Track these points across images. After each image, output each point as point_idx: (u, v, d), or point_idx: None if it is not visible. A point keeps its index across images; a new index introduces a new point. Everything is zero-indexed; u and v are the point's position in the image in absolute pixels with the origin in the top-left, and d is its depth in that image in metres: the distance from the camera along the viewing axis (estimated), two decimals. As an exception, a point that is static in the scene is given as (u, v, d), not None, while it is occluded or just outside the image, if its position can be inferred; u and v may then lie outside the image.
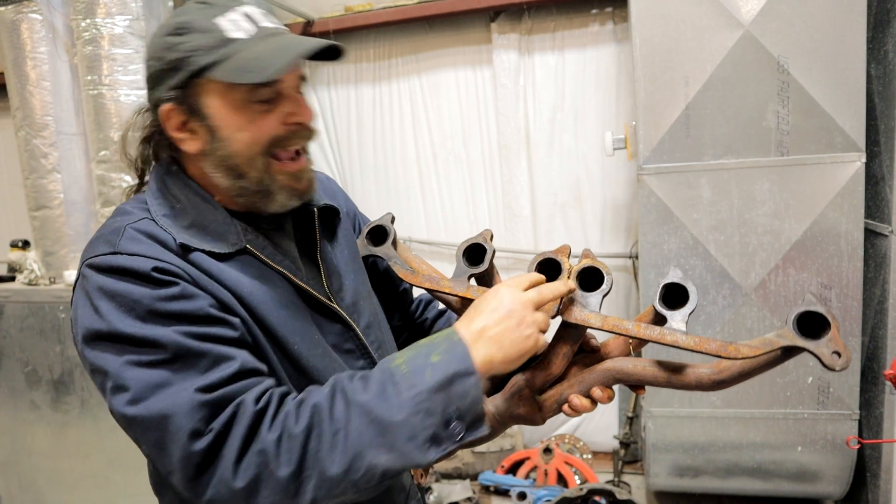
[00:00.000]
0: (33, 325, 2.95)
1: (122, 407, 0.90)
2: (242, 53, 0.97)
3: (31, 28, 2.89)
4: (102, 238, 1.01)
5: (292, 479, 0.86)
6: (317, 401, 0.91)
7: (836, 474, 2.90)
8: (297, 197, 1.09)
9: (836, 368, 0.93)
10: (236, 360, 0.93)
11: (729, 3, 2.64)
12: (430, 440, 0.88)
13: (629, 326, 1.04)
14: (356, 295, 1.20)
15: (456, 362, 0.91)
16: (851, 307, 2.75)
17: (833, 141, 2.65)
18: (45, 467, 3.07)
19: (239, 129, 1.01)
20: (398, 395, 0.89)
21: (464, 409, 0.90)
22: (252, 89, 0.99)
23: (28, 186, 3.03)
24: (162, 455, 0.89)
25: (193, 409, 0.87)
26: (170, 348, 0.90)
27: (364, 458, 0.87)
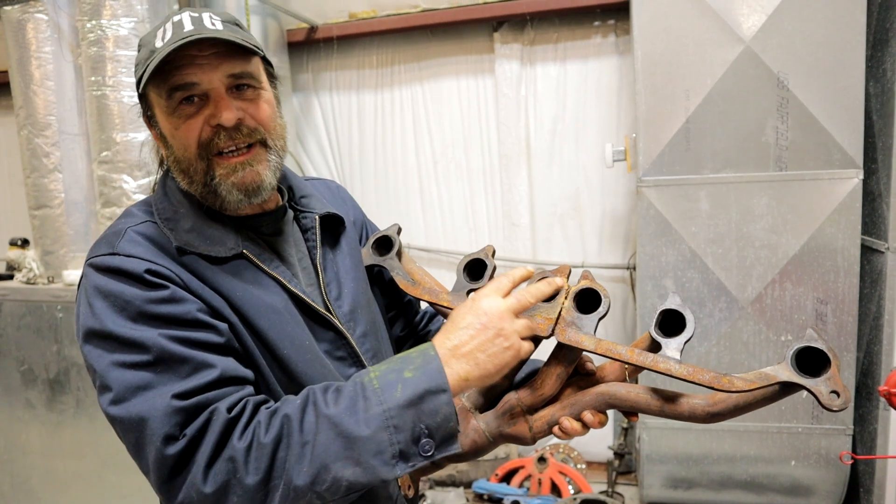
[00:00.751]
0: (30, 324, 2.95)
1: (107, 406, 0.93)
2: (154, 62, 1.00)
3: (36, 28, 2.90)
4: (105, 239, 1.04)
5: (260, 487, 0.88)
6: (288, 412, 0.92)
7: (830, 489, 2.91)
8: (244, 192, 1.07)
9: (834, 409, 0.91)
10: (216, 367, 0.95)
11: (730, 19, 2.67)
12: (398, 456, 0.88)
13: (622, 351, 1.03)
14: (354, 303, 1.20)
15: (427, 379, 0.91)
16: (847, 323, 2.76)
17: (831, 157, 2.67)
18: (38, 466, 3.06)
19: (172, 135, 1.05)
20: (367, 409, 0.89)
21: (434, 427, 0.90)
22: (168, 96, 1.02)
23: (29, 185, 3.03)
24: (139, 456, 0.92)
25: (169, 415, 0.89)
26: (153, 351, 0.92)
27: (329, 470, 0.87)
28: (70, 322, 2.88)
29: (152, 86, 1.02)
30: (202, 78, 1.01)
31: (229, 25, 1.07)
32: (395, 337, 1.41)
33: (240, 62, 1.04)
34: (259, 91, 1.08)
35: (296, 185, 1.26)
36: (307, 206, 1.23)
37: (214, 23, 1.05)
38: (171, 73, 1.00)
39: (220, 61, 1.02)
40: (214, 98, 1.03)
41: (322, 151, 4.19)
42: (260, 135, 1.07)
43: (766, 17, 2.64)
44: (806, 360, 0.95)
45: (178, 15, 1.05)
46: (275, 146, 1.10)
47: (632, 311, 3.71)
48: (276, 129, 1.11)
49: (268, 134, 1.08)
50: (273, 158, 1.10)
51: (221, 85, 1.03)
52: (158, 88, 1.02)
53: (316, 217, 1.21)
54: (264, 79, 1.10)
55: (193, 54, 1.00)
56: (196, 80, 1.01)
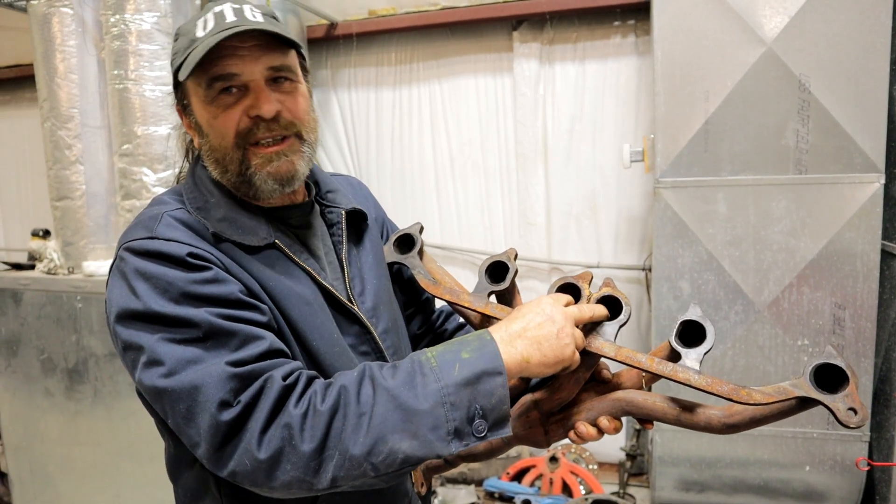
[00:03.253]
0: (51, 314, 2.99)
1: (155, 379, 0.93)
2: (196, 51, 1.01)
3: (61, 22, 2.94)
4: (141, 224, 1.05)
5: (315, 456, 0.88)
6: (344, 383, 0.93)
7: (844, 496, 2.88)
8: (278, 182, 1.08)
9: (851, 426, 0.91)
10: (265, 339, 0.96)
11: (752, 21, 2.65)
12: (453, 433, 0.89)
13: (642, 360, 1.03)
14: (377, 299, 1.21)
15: (485, 360, 0.92)
16: (865, 328, 2.73)
17: (852, 161, 2.65)
18: (56, 454, 3.11)
19: (209, 124, 1.06)
20: (425, 385, 0.90)
21: (488, 408, 0.90)
22: (208, 85, 1.03)
23: (51, 177, 3.07)
24: (190, 425, 0.91)
25: (223, 381, 0.90)
26: (202, 327, 0.93)
27: (387, 441, 0.88)
28: (90, 312, 2.92)
29: (192, 75, 1.03)
30: (243, 69, 1.03)
31: (268, 18, 1.09)
32: (413, 334, 1.42)
33: (279, 55, 1.06)
34: (296, 84, 1.10)
35: (322, 180, 1.27)
36: (333, 202, 1.24)
37: (255, 14, 1.07)
38: (213, 62, 1.01)
39: (261, 53, 1.04)
40: (254, 89, 1.04)
41: (340, 148, 4.21)
42: (296, 128, 1.09)
43: (789, 19, 2.62)
44: (824, 376, 0.95)
45: (220, 6, 1.06)
46: (308, 139, 1.12)
47: (647, 313, 3.69)
48: (310, 123, 1.13)
49: (302, 127, 1.10)
50: (306, 150, 1.12)
51: (261, 77, 1.05)
52: (198, 77, 1.03)
53: (342, 212, 1.22)
54: (300, 72, 1.12)
55: (235, 45, 1.02)
56: (237, 70, 1.03)
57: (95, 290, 2.91)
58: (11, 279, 3.06)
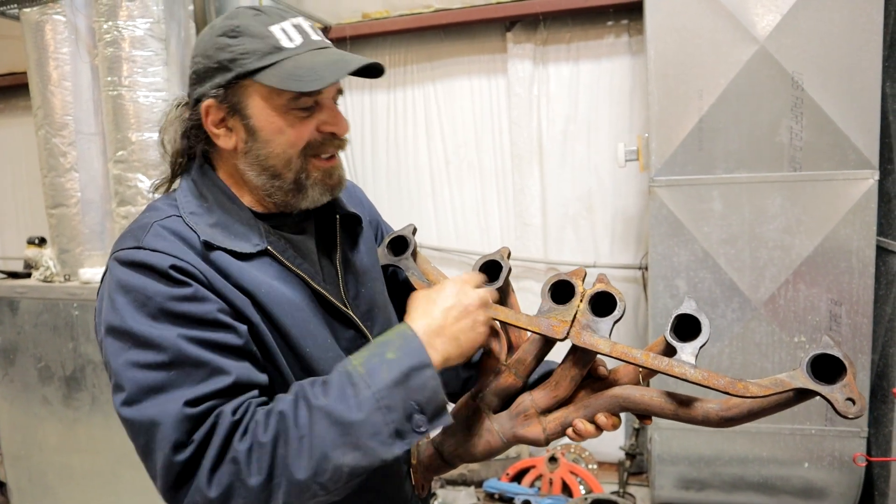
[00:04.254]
0: (47, 322, 2.99)
1: (119, 406, 0.95)
2: (291, 62, 1.02)
3: (54, 29, 2.93)
4: (131, 233, 1.05)
5: (263, 487, 0.89)
6: (282, 408, 0.93)
7: (843, 492, 2.89)
8: (329, 192, 1.13)
9: (850, 416, 0.91)
10: (231, 374, 0.95)
11: (745, 19, 2.65)
12: (394, 435, 0.90)
13: (637, 355, 1.03)
14: (371, 303, 1.22)
15: (410, 357, 0.94)
16: (861, 324, 2.74)
17: (846, 158, 2.65)
18: (54, 462, 3.10)
19: (279, 132, 1.06)
20: (357, 394, 0.91)
21: (423, 402, 0.92)
22: (295, 97, 1.04)
23: (46, 184, 3.06)
24: (147, 460, 0.93)
25: (179, 422, 0.90)
26: (170, 352, 0.93)
27: (329, 459, 0.89)
28: (86, 319, 2.92)
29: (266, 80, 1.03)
30: (328, 88, 1.05)
31: None
32: None
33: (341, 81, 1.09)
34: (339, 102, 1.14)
35: None
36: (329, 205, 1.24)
37: (320, 34, 1.11)
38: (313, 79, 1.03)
39: None
40: (328, 107, 1.08)
41: (335, 151, 4.20)
42: (346, 143, 1.14)
43: (781, 17, 2.62)
44: (821, 367, 0.95)
45: (294, 18, 1.08)
46: None
47: (644, 312, 3.70)
48: None
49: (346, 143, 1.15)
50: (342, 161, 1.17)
51: (332, 95, 1.09)
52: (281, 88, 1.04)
53: (336, 217, 1.22)
54: None
55: None
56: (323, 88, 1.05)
57: (92, 298, 2.90)
58: (8, 287, 3.05)
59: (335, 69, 1.02)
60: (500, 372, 1.16)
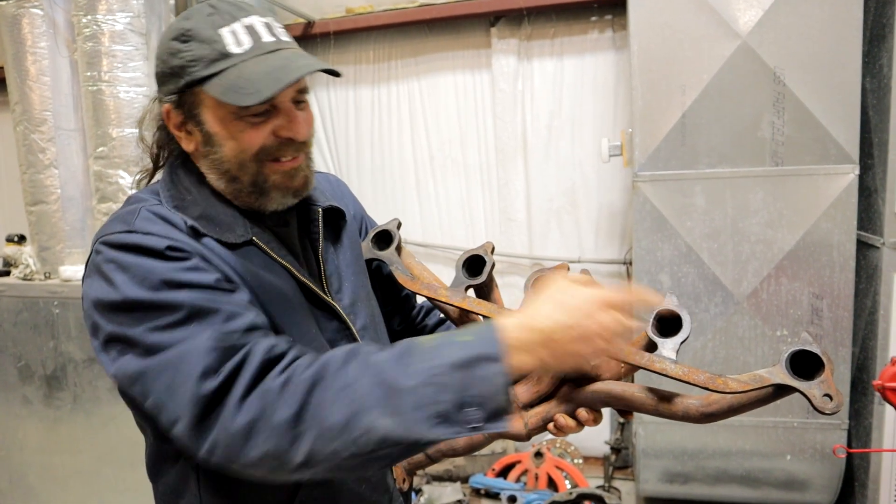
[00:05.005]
0: (27, 320, 2.95)
1: (136, 362, 0.92)
2: (235, 70, 0.99)
3: (32, 23, 2.89)
4: (118, 218, 1.04)
5: (291, 425, 0.85)
6: (329, 357, 0.91)
7: (825, 483, 2.92)
8: (292, 195, 1.11)
9: (826, 412, 0.91)
10: (249, 314, 0.96)
11: (727, 14, 2.67)
12: (440, 417, 0.82)
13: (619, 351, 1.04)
14: (354, 296, 1.22)
15: (484, 345, 0.85)
16: (842, 318, 2.77)
17: (827, 153, 2.68)
18: (36, 462, 3.07)
19: (230, 138, 1.04)
20: (415, 364, 0.85)
21: (485, 396, 0.83)
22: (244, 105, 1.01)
23: (25, 181, 3.02)
24: (171, 398, 0.90)
25: (206, 352, 0.89)
26: (185, 308, 0.93)
27: (366, 415, 0.83)
28: (67, 318, 2.88)
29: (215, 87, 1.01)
30: (282, 93, 1.02)
31: (287, 33, 1.09)
32: (393, 331, 1.42)
33: (304, 79, 1.05)
34: (307, 103, 1.10)
35: None
36: (310, 199, 1.23)
37: (278, 32, 1.06)
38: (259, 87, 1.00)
39: None
40: (285, 111, 1.04)
41: (319, 147, 4.18)
42: (309, 145, 1.11)
43: (763, 13, 2.64)
44: (800, 363, 0.96)
45: (247, 18, 1.03)
46: (310, 151, 1.14)
47: (628, 307, 3.71)
48: (313, 137, 1.14)
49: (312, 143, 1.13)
50: (310, 160, 1.14)
51: (290, 99, 1.05)
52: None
53: (319, 210, 1.22)
54: None
55: None
56: None
57: (73, 295, 2.87)
58: (-14, 286, 3.01)
59: (274, 81, 0.98)
60: None
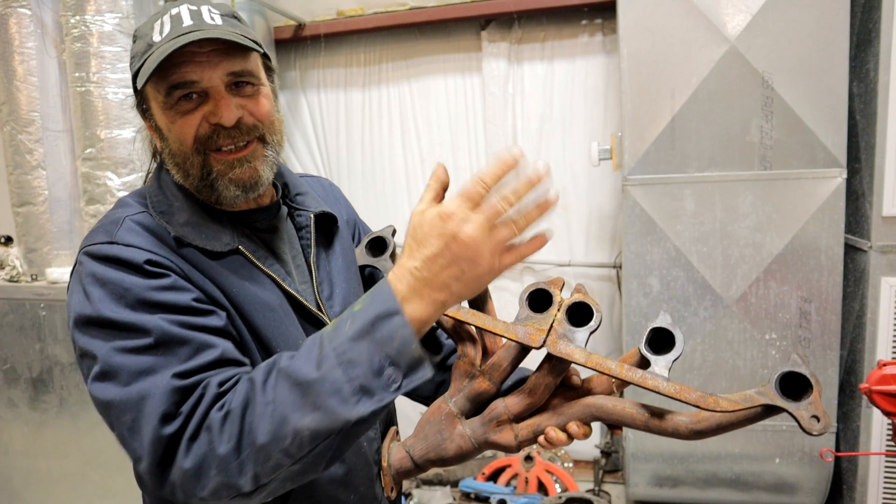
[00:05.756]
0: (13, 323, 2.93)
1: (105, 391, 0.91)
2: (151, 58, 0.99)
3: (19, 23, 2.87)
4: (102, 228, 1.03)
5: (233, 456, 0.84)
6: (253, 375, 0.89)
7: (813, 486, 2.93)
8: (241, 188, 1.06)
9: (814, 433, 0.93)
10: (217, 347, 0.94)
11: (715, 19, 2.68)
12: (358, 392, 0.80)
13: (612, 366, 1.04)
14: (345, 303, 1.20)
15: (376, 305, 0.82)
16: (830, 321, 2.78)
17: (815, 157, 2.69)
18: (21, 466, 3.04)
19: (168, 129, 1.05)
20: (320, 352, 0.83)
21: (394, 354, 0.80)
22: (166, 93, 1.01)
23: (12, 182, 3.00)
24: (134, 437, 0.89)
25: (168, 394, 0.88)
26: (154, 333, 0.91)
27: (289, 422, 0.82)
28: (54, 320, 2.86)
29: (149, 81, 1.00)
30: (202, 76, 1.00)
31: (228, 20, 1.06)
32: None
33: (240, 60, 1.03)
34: (258, 87, 1.07)
35: (291, 182, 1.25)
36: (302, 204, 1.22)
37: (214, 17, 1.04)
38: (170, 69, 0.99)
39: (220, 59, 1.01)
40: (214, 96, 1.02)
41: (309, 149, 4.18)
42: (258, 131, 1.07)
43: (751, 17, 2.65)
44: (789, 384, 0.97)
45: (177, 7, 1.04)
46: (272, 141, 1.10)
47: (618, 310, 3.72)
48: (274, 125, 1.10)
49: (266, 130, 1.08)
50: (270, 154, 1.09)
51: (221, 83, 1.02)
52: (156, 84, 1.01)
53: (311, 215, 1.21)
54: (262, 74, 1.10)
55: (193, 51, 0.99)
56: (196, 77, 1.00)
57: (60, 298, 2.85)
58: (-28, 288, 2.98)
59: (157, 58, 0.97)
60: (474, 377, 1.16)
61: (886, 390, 1.80)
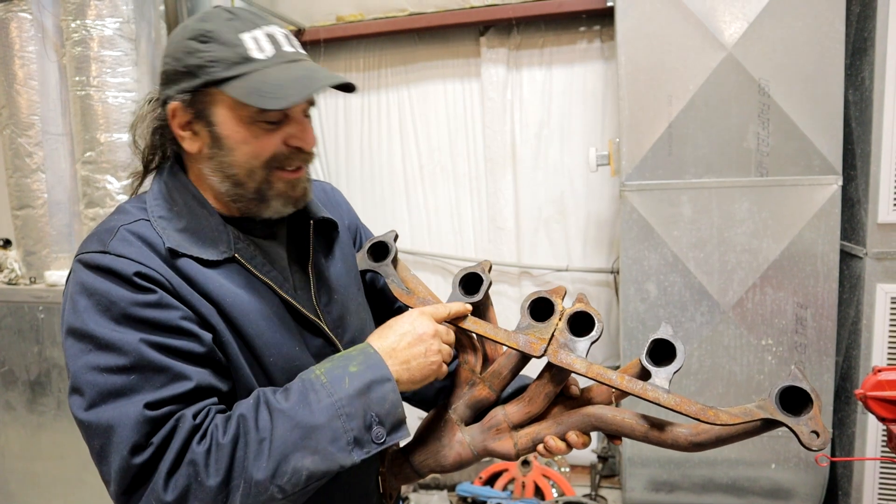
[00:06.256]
0: (11, 325, 2.93)
1: (76, 409, 0.93)
2: (258, 75, 1.00)
3: (20, 27, 2.88)
4: (97, 236, 1.04)
5: (221, 489, 0.88)
6: (242, 412, 0.94)
7: (809, 492, 2.93)
8: (292, 204, 1.11)
9: (813, 448, 0.94)
10: (192, 379, 0.95)
11: (713, 26, 2.70)
12: (353, 442, 0.93)
13: (612, 377, 1.05)
14: (343, 309, 1.21)
15: (372, 371, 0.97)
16: (826, 327, 2.79)
17: (811, 164, 2.71)
18: (18, 469, 3.04)
19: (243, 142, 1.04)
20: (319, 401, 0.93)
21: (383, 414, 0.95)
22: (262, 111, 1.01)
23: (11, 185, 3.01)
24: (102, 463, 0.91)
25: (138, 424, 0.89)
26: (131, 356, 0.92)
27: (289, 461, 0.90)
28: (52, 323, 2.87)
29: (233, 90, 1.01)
30: None
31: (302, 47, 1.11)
32: None
33: None
34: (310, 116, 1.12)
35: None
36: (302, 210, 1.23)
37: (296, 44, 1.08)
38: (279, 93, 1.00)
39: None
40: (297, 121, 1.06)
41: (308, 154, 4.19)
42: (312, 157, 1.12)
43: (748, 25, 2.67)
44: (789, 399, 0.98)
45: (267, 27, 1.05)
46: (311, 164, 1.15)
47: (616, 315, 3.73)
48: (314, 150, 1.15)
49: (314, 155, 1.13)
50: (310, 174, 1.15)
51: (302, 110, 1.07)
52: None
53: (310, 222, 1.21)
54: None
55: None
56: None
57: (58, 300, 2.85)
58: (-30, 290, 2.99)
59: (301, 88, 0.99)
60: (474, 384, 1.17)
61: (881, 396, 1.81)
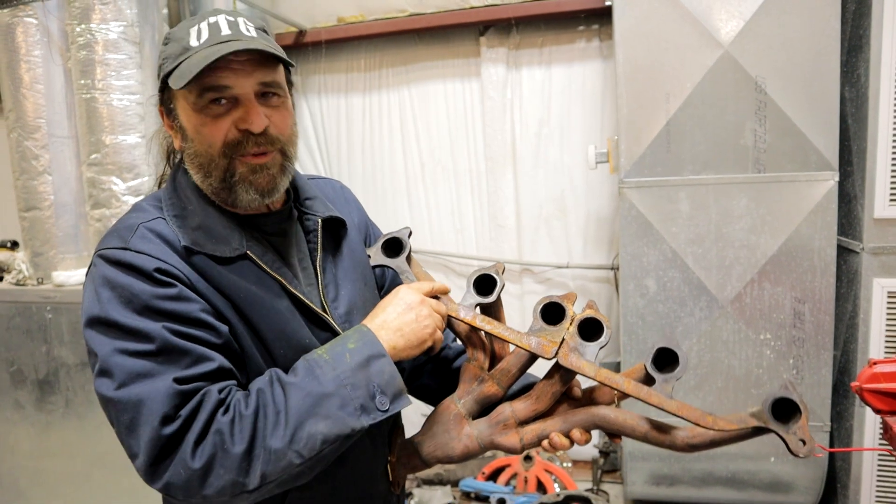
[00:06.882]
0: (20, 325, 2.97)
1: (104, 389, 0.98)
2: (188, 61, 1.05)
3: (26, 31, 2.92)
4: (117, 232, 1.09)
5: (244, 456, 0.94)
6: (260, 386, 1.01)
7: (808, 485, 2.96)
8: (258, 192, 1.11)
9: (800, 455, 1.03)
10: (215, 360, 1.01)
11: (709, 24, 2.73)
12: (360, 409, 1.00)
13: (619, 381, 1.11)
14: (351, 305, 1.24)
15: (368, 347, 1.04)
16: (824, 321, 2.82)
17: (808, 160, 2.73)
18: (27, 467, 3.08)
19: (196, 130, 1.09)
20: (324, 374, 1.01)
21: (384, 384, 1.03)
22: (198, 95, 1.06)
23: (18, 187, 3.05)
24: (131, 436, 0.96)
25: (168, 397, 0.95)
26: (156, 341, 0.98)
27: (304, 427, 0.96)
28: (59, 323, 2.91)
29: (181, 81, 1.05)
30: (236, 82, 1.06)
31: (261, 32, 1.12)
32: None
33: (270, 70, 1.09)
34: (283, 99, 1.13)
35: (301, 187, 1.29)
36: (311, 209, 1.26)
37: (249, 29, 1.10)
38: (205, 73, 1.03)
39: (253, 68, 1.07)
40: (245, 103, 1.07)
41: (311, 154, 4.22)
42: (280, 143, 1.12)
43: (744, 23, 2.70)
44: (780, 407, 1.07)
45: (214, 16, 1.10)
46: (290, 154, 1.16)
47: (616, 311, 3.76)
48: (293, 138, 1.16)
49: (286, 143, 1.13)
50: (288, 165, 1.15)
51: (252, 91, 1.08)
52: (189, 86, 1.05)
53: (318, 220, 1.25)
54: (286, 87, 1.15)
55: (229, 58, 1.04)
56: (230, 83, 1.06)
57: (65, 300, 2.90)
58: (-21, 291, 3.03)
59: (201, 62, 1.02)
60: (483, 381, 1.22)
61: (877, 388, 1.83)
